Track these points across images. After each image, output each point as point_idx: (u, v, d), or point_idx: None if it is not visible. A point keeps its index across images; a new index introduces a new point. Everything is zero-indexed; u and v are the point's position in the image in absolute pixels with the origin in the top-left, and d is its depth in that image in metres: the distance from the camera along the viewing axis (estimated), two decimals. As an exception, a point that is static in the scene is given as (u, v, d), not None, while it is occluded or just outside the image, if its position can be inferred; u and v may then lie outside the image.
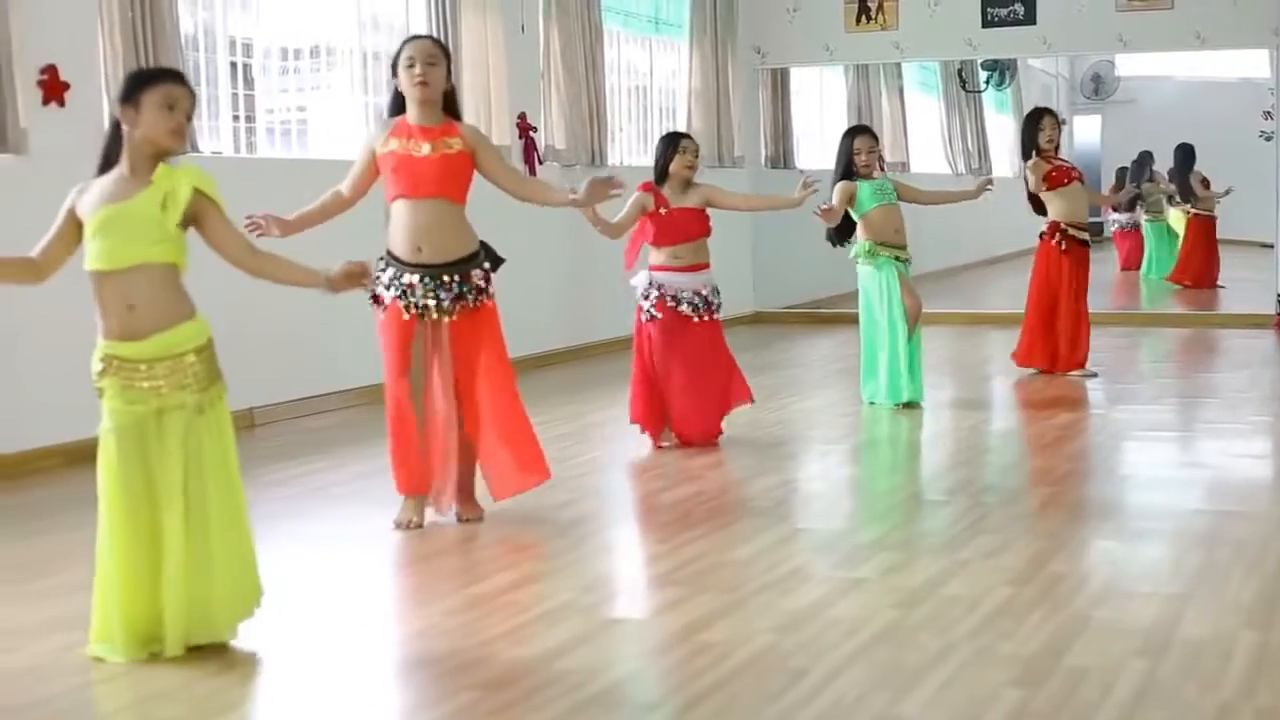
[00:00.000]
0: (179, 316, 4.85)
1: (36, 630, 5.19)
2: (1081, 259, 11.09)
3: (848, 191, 9.66)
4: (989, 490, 7.45)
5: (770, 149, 17.23)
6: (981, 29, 15.55)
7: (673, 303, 8.49)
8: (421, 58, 6.49)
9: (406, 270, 6.48)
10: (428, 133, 6.50)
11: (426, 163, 6.46)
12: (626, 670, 4.79)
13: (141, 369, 4.81)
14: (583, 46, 13.02)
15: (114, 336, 4.83)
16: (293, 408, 9.93)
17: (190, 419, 4.83)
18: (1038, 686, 4.42)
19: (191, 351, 4.86)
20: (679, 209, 8.54)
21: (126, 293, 4.80)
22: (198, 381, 4.85)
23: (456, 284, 6.48)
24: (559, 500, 7.20)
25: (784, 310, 16.50)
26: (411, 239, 6.49)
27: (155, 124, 4.85)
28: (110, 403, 4.86)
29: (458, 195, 6.53)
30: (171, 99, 4.86)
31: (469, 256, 6.55)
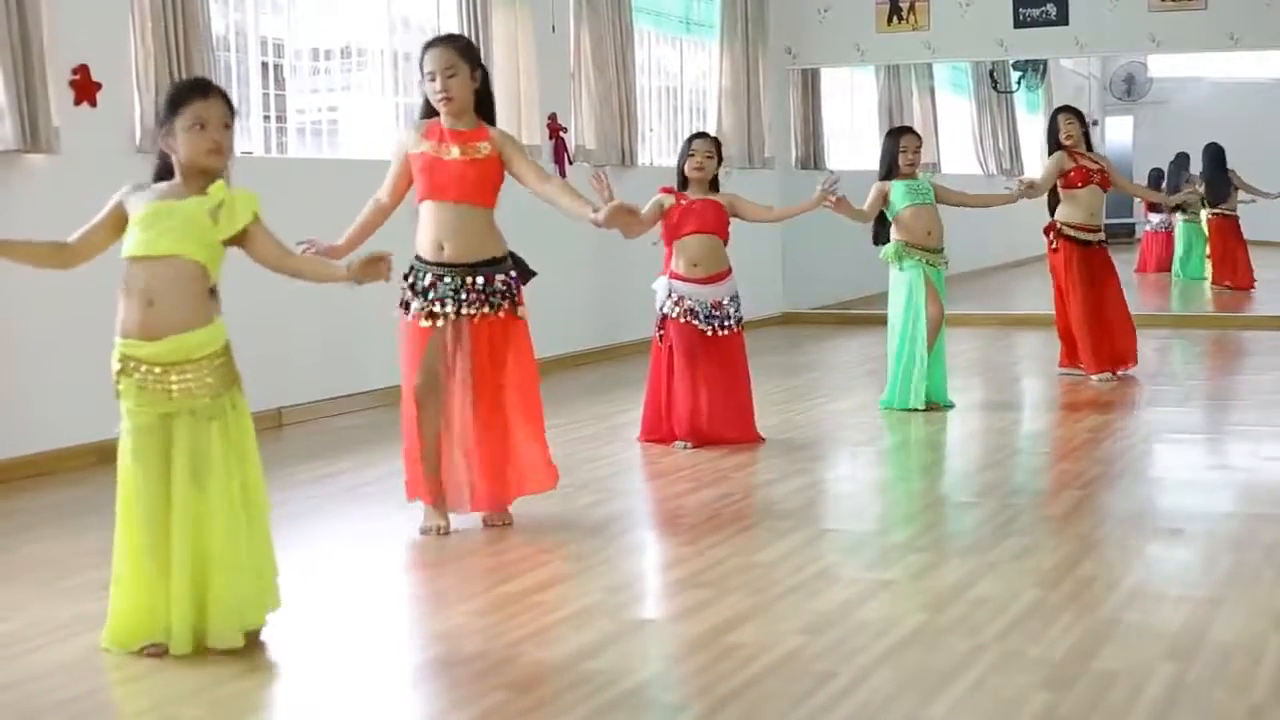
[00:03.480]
0: (196, 321, 4.85)
1: (63, 628, 5.20)
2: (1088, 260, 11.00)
3: (881, 192, 9.64)
4: (1018, 492, 7.43)
5: (800, 150, 17.20)
6: (1013, 29, 15.50)
7: (690, 317, 8.47)
8: (440, 70, 6.47)
9: (430, 270, 6.49)
10: (458, 136, 6.50)
11: (454, 165, 6.46)
12: (653, 672, 4.79)
13: (156, 371, 4.82)
14: (613, 47, 13.01)
15: (131, 334, 4.85)
16: (320, 408, 9.95)
17: (200, 425, 4.83)
18: (1066, 690, 4.40)
19: (206, 357, 4.86)
20: (700, 199, 8.52)
21: (151, 284, 4.82)
22: (211, 388, 4.85)
23: (480, 286, 6.48)
24: (586, 501, 7.20)
25: (813, 311, 16.47)
26: (435, 237, 6.49)
27: (191, 148, 4.90)
28: (127, 403, 4.88)
29: (484, 200, 6.53)
30: (201, 118, 4.88)
31: (494, 260, 6.55)
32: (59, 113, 8.06)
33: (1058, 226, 10.99)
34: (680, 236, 8.51)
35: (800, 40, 16.36)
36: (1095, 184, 10.92)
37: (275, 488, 7.31)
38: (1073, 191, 10.90)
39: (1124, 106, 26.50)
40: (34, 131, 7.86)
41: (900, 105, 19.49)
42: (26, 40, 7.80)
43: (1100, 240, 11.04)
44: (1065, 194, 10.94)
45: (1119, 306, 11.11)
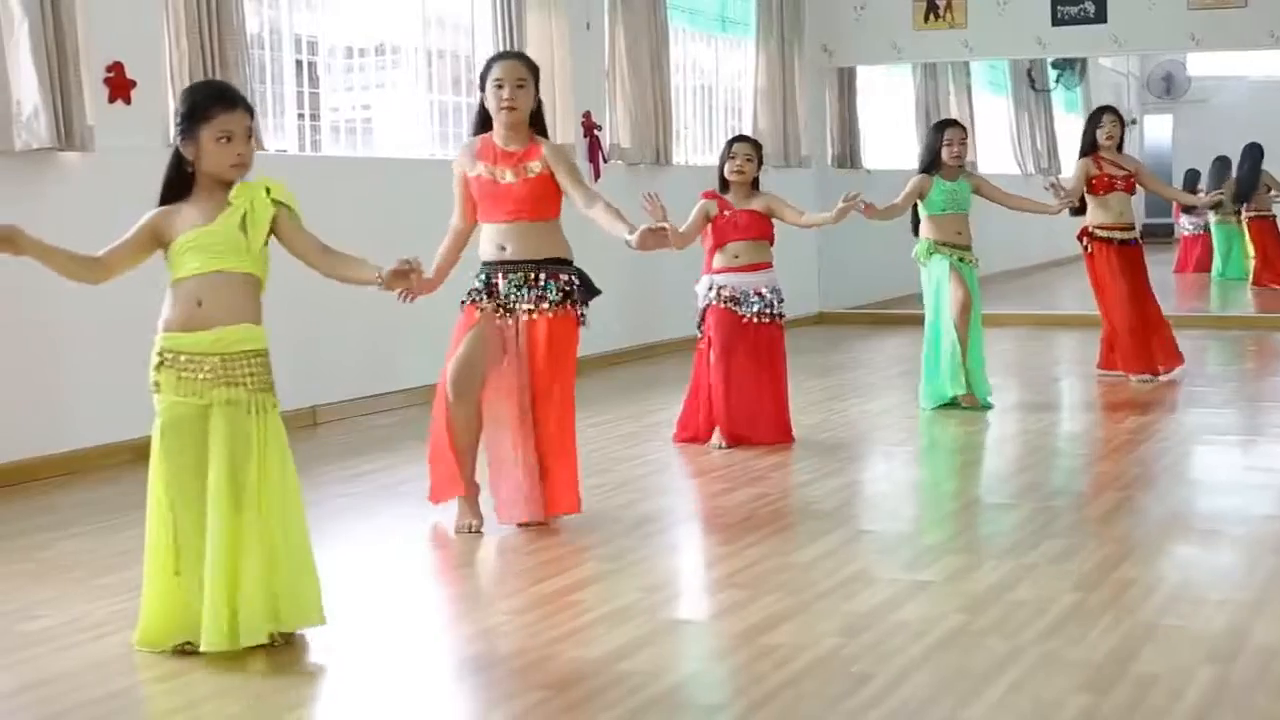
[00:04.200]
0: (244, 317, 4.86)
1: (97, 627, 5.20)
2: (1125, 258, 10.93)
3: (919, 186, 9.59)
4: (1056, 494, 7.39)
5: (837, 148, 17.16)
6: (1051, 27, 15.41)
7: (731, 304, 8.45)
8: (510, 80, 6.49)
9: (491, 269, 6.53)
10: (510, 158, 6.53)
11: (510, 189, 6.51)
12: (689, 672, 4.77)
13: (196, 359, 4.81)
14: (648, 45, 12.98)
15: (174, 328, 4.85)
16: (354, 406, 9.95)
17: (240, 417, 4.82)
18: (1105, 693, 4.36)
19: (246, 353, 4.85)
20: (743, 210, 8.52)
21: (200, 290, 4.85)
22: (251, 382, 4.84)
23: (542, 282, 6.49)
24: (623, 500, 7.18)
25: (849, 311, 16.43)
26: (496, 242, 6.56)
27: (216, 160, 4.90)
28: (165, 397, 4.88)
29: (542, 214, 6.57)
30: (226, 131, 4.87)
31: (558, 259, 6.56)
32: (93, 111, 8.07)
33: (1090, 230, 10.94)
34: (724, 245, 8.51)
35: (836, 38, 16.31)
36: (1119, 190, 10.85)
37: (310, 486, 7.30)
38: (1099, 196, 10.86)
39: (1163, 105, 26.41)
40: (68, 129, 7.86)
41: (937, 104, 19.44)
42: (61, 38, 7.81)
43: (1134, 238, 10.97)
44: (1092, 199, 10.89)
45: (1155, 308, 11.05)
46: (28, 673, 4.72)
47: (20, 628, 5.21)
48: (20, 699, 4.48)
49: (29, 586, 5.77)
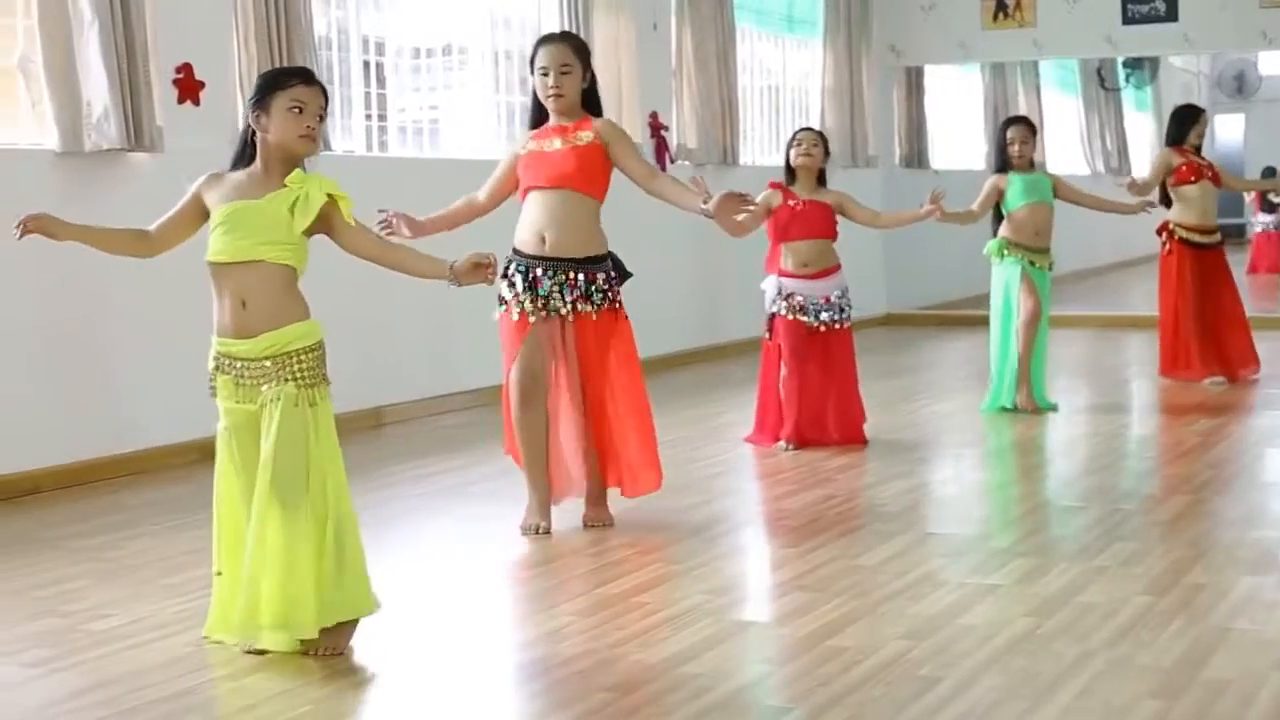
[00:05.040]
0: (290, 317, 4.85)
1: (166, 625, 5.23)
2: (1201, 263, 10.83)
3: (995, 187, 9.52)
4: (1126, 497, 7.33)
5: (904, 149, 17.10)
6: (1121, 26, 15.27)
7: (799, 313, 8.41)
8: (555, 66, 6.47)
9: (530, 264, 6.46)
10: (562, 130, 6.49)
11: (556, 154, 6.45)
12: (755, 675, 4.74)
13: (251, 364, 4.82)
14: (715, 45, 12.96)
15: (227, 334, 4.85)
16: (419, 407, 9.97)
17: (289, 410, 4.80)
18: (1176, 698, 4.32)
19: (300, 350, 4.85)
20: (810, 201, 8.47)
21: (241, 289, 4.82)
22: (303, 377, 4.83)
23: (581, 282, 6.46)
24: (689, 502, 7.16)
25: (917, 312, 16.35)
26: (536, 227, 6.47)
27: (285, 129, 4.85)
28: (224, 402, 4.90)
29: (586, 186, 6.48)
30: (300, 101, 4.85)
31: (595, 258, 6.53)
32: (162, 112, 8.12)
33: (1170, 228, 10.80)
34: (788, 240, 8.46)
35: (904, 38, 16.24)
36: (1207, 179, 10.71)
37: (374, 487, 7.36)
38: (1183, 189, 10.69)
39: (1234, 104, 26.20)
40: (138, 131, 7.92)
41: (1006, 103, 19.34)
42: (130, 40, 7.86)
43: (1216, 242, 10.85)
44: (1175, 192, 10.73)
45: (1235, 311, 10.92)
46: (96, 672, 4.75)
47: (89, 627, 5.24)
48: (89, 698, 4.50)
49: (98, 586, 5.81)
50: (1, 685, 4.67)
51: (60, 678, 4.71)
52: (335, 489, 4.87)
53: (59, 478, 7.73)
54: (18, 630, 5.23)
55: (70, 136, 7.76)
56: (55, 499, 7.50)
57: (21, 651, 4.98)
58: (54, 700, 4.50)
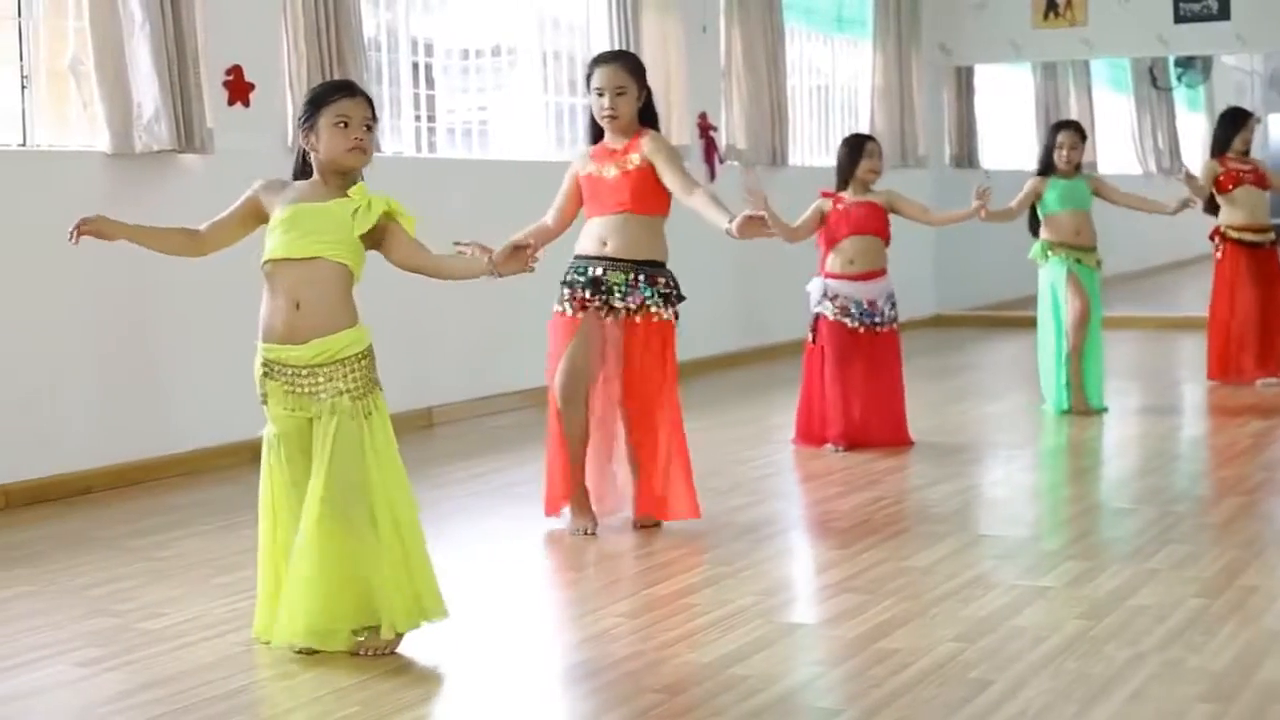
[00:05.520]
0: (341, 323, 4.85)
1: (218, 625, 5.25)
2: (1257, 262, 10.78)
3: (1034, 188, 9.49)
4: (1178, 499, 7.28)
5: (954, 148, 17.04)
6: (1173, 24, 15.16)
7: (843, 315, 8.39)
8: (610, 88, 6.48)
9: (590, 264, 6.49)
10: (613, 154, 6.53)
11: (612, 183, 6.50)
12: (805, 677, 4.73)
13: (302, 372, 4.83)
14: (764, 46, 12.94)
15: (275, 338, 4.85)
16: (470, 407, 9.98)
17: (344, 422, 4.82)
18: (1228, 703, 4.29)
19: (351, 357, 4.85)
20: (857, 201, 8.45)
21: (296, 287, 4.81)
22: (355, 388, 4.84)
23: (641, 283, 6.47)
24: (737, 503, 7.15)
25: (966, 313, 16.29)
26: (598, 236, 6.54)
27: (333, 144, 4.87)
28: (273, 409, 4.91)
29: (647, 208, 6.53)
30: (344, 116, 4.86)
31: (657, 262, 6.55)
32: (213, 113, 8.15)
33: (1221, 230, 10.81)
34: (838, 240, 8.44)
35: (954, 37, 16.17)
36: (1248, 183, 10.70)
37: (426, 487, 7.36)
38: (1228, 194, 10.72)
39: (1288, 104, 25.97)
40: (188, 132, 7.94)
41: (1057, 102, 19.25)
42: (181, 42, 7.89)
43: (1270, 241, 10.82)
44: (1221, 198, 10.76)
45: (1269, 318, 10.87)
46: (148, 671, 4.77)
47: (141, 626, 5.26)
48: (140, 697, 4.52)
49: (150, 585, 5.83)
50: (54, 684, 4.69)
51: (112, 676, 4.73)
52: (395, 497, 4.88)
53: (111, 478, 7.77)
54: (71, 629, 5.25)
55: (121, 138, 7.80)
56: (107, 499, 7.53)
57: (75, 650, 5.00)
58: (106, 699, 4.52)
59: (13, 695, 4.58)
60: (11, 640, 5.13)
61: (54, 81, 7.93)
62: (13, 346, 7.43)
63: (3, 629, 5.28)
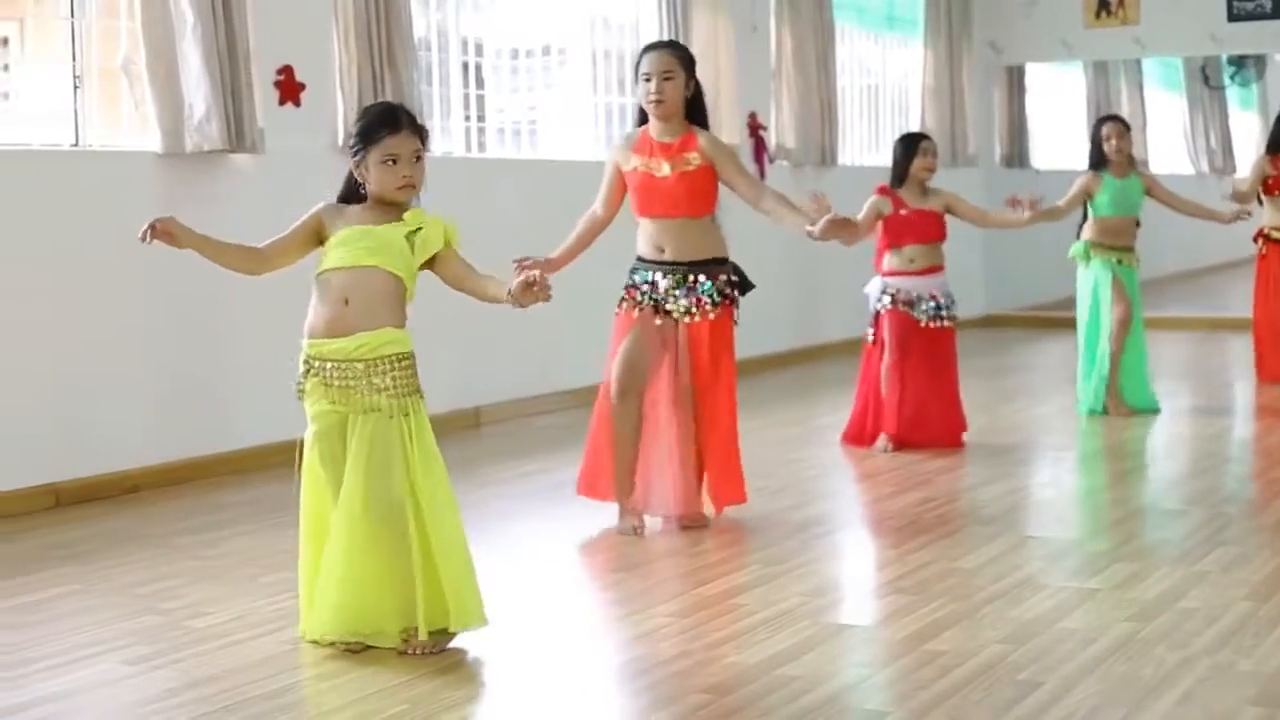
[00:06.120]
0: (385, 322, 4.88)
1: (265, 623, 5.27)
2: None
3: (1086, 187, 9.43)
4: (1228, 500, 7.23)
5: (1005, 148, 16.97)
6: (1227, 23, 15.05)
7: (906, 306, 8.39)
8: (658, 73, 6.46)
9: (652, 269, 6.51)
10: (667, 150, 6.49)
11: (667, 184, 6.47)
12: (853, 677, 4.72)
13: (341, 366, 4.86)
14: (815, 45, 12.91)
15: (319, 334, 4.90)
16: (517, 406, 9.99)
17: (383, 423, 4.85)
18: (1278, 706, 4.26)
19: (391, 357, 4.87)
20: (918, 210, 8.44)
21: (348, 287, 4.88)
22: (395, 387, 4.86)
23: (701, 283, 6.47)
24: (787, 503, 7.14)
25: (1017, 313, 16.22)
26: (655, 243, 6.54)
27: (382, 182, 4.94)
28: (312, 406, 4.94)
29: (701, 210, 6.53)
30: (392, 155, 4.90)
31: (717, 259, 6.54)
32: (264, 113, 8.18)
33: (1265, 232, 10.77)
34: (899, 246, 8.43)
35: (1005, 36, 16.10)
36: None
37: (473, 486, 7.39)
38: (1274, 197, 10.68)
39: (1342, 103, 25.77)
40: (239, 132, 7.97)
41: (1108, 101, 19.15)
42: (232, 42, 7.92)
43: None
44: (1266, 199, 10.72)
45: None
46: (194, 669, 4.79)
47: (188, 624, 5.29)
48: (187, 695, 4.54)
49: (197, 584, 5.86)
50: (102, 682, 4.71)
51: (159, 675, 4.75)
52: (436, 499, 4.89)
53: (158, 476, 7.80)
54: (118, 627, 5.28)
55: (172, 138, 7.83)
56: (154, 498, 7.57)
57: (122, 648, 5.03)
58: (153, 697, 4.54)
59: (62, 693, 4.61)
60: (60, 638, 5.16)
61: (106, 81, 7.97)
62: (62, 345, 7.47)
63: (52, 626, 5.31)
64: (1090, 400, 9.51)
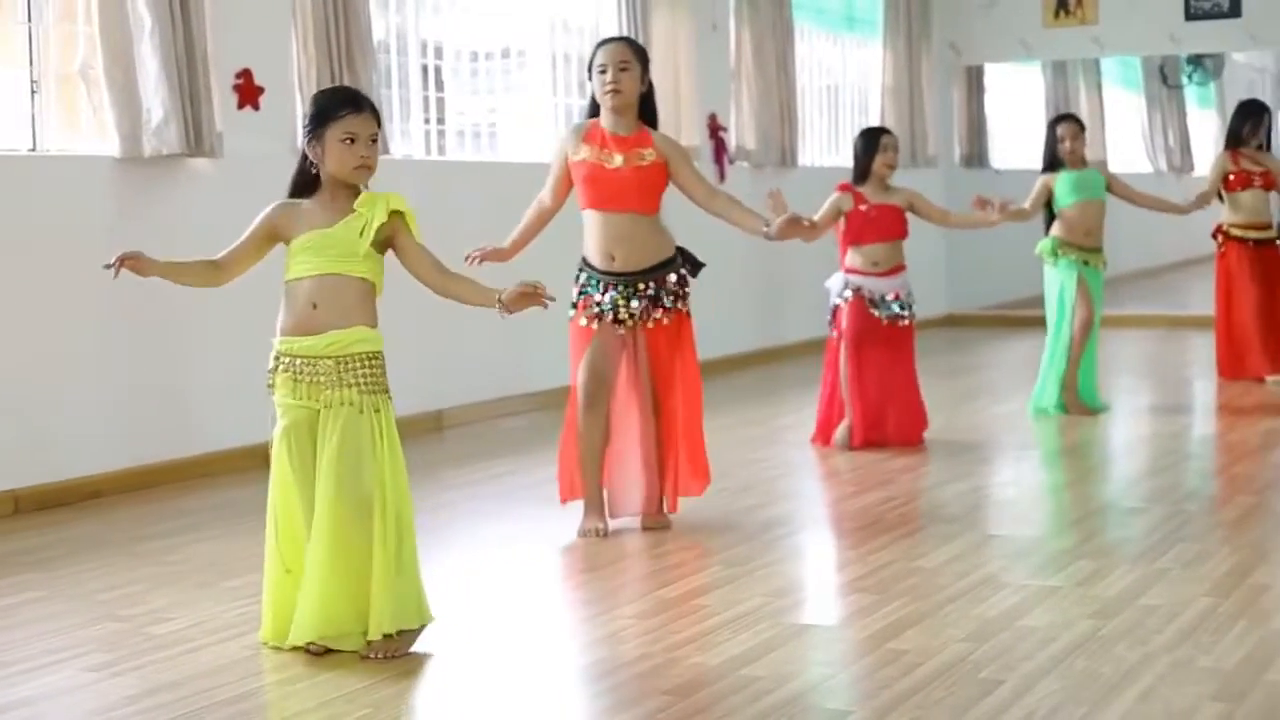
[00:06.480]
0: (356, 321, 4.89)
1: (228, 629, 5.25)
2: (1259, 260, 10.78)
3: (1045, 186, 9.46)
4: (1189, 498, 7.26)
5: (964, 148, 17.02)
6: (1185, 22, 15.12)
7: (870, 306, 8.40)
8: (614, 63, 6.45)
9: (602, 278, 6.47)
10: (621, 143, 6.47)
11: (619, 176, 6.43)
12: (814, 678, 4.72)
13: (312, 363, 4.87)
14: (774, 45, 12.92)
15: (289, 332, 4.92)
16: (480, 409, 9.97)
17: (352, 417, 4.86)
18: (1238, 702, 4.28)
19: (362, 355, 4.88)
20: (880, 205, 8.44)
21: (315, 293, 4.90)
22: (363, 384, 4.87)
23: (651, 289, 6.46)
24: (749, 504, 7.15)
25: (978, 312, 16.27)
26: (604, 248, 6.48)
27: (339, 161, 4.92)
28: (282, 399, 4.95)
29: (650, 207, 6.50)
30: (351, 133, 4.90)
31: (664, 262, 6.52)
32: (222, 117, 8.15)
33: (1224, 228, 10.81)
34: (861, 244, 8.44)
35: (964, 36, 16.15)
36: (1256, 187, 10.71)
37: (436, 489, 7.38)
38: (1233, 193, 10.73)
39: (1299, 101, 25.91)
40: (198, 136, 7.95)
41: (1067, 101, 19.19)
42: (191, 46, 7.90)
43: (1270, 238, 10.82)
44: (1227, 196, 10.77)
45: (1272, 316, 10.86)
46: (155, 675, 4.77)
47: (149, 630, 5.27)
48: (147, 701, 4.52)
49: (159, 589, 5.83)
50: (63, 689, 4.69)
51: (120, 681, 4.73)
52: (399, 497, 4.91)
53: (121, 482, 7.77)
54: (79, 634, 5.26)
55: (130, 142, 7.80)
56: (117, 503, 7.54)
57: (83, 655, 5.01)
58: (114, 704, 4.52)
59: (22, 701, 4.58)
60: (21, 645, 5.14)
61: (63, 86, 7.94)
62: (22, 351, 7.43)
63: (13, 634, 5.29)
64: (1042, 400, 9.51)
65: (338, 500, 4.82)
